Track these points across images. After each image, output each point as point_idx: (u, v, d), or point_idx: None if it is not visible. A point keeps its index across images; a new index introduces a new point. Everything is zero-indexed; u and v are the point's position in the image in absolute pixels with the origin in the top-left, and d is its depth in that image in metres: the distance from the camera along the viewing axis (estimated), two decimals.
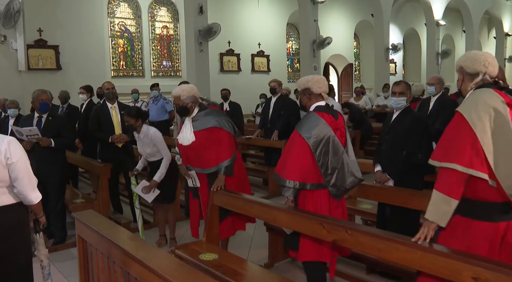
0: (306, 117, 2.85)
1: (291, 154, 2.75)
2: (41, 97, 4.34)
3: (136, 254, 2.07)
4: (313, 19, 11.70)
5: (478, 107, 1.97)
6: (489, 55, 2.15)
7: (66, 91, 6.90)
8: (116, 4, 11.13)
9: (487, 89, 2.04)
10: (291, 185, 2.71)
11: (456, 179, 1.96)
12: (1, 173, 2.21)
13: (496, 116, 1.94)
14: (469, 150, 1.94)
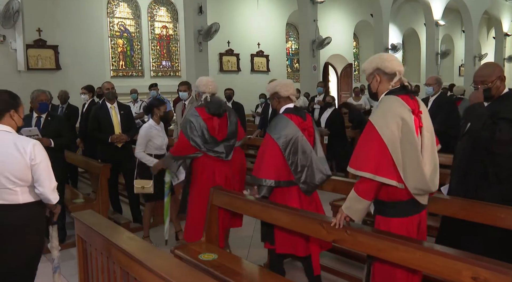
0: (275, 119, 3.03)
1: (264, 155, 2.94)
2: (40, 97, 4.34)
3: (135, 254, 2.07)
4: (312, 19, 11.71)
5: (387, 116, 2.14)
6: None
7: (65, 91, 6.90)
8: (116, 4, 11.13)
9: (395, 98, 2.20)
10: (268, 184, 2.89)
11: (369, 185, 2.17)
12: (25, 173, 2.36)
13: (403, 124, 2.13)
14: (377, 158, 2.12)
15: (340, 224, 2.30)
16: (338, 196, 4.29)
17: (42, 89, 4.53)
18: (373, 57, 2.36)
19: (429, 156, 2.22)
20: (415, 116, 2.20)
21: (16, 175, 2.35)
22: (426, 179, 2.16)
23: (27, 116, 4.63)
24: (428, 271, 1.98)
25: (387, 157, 2.12)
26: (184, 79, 9.21)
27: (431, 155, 2.24)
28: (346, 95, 15.55)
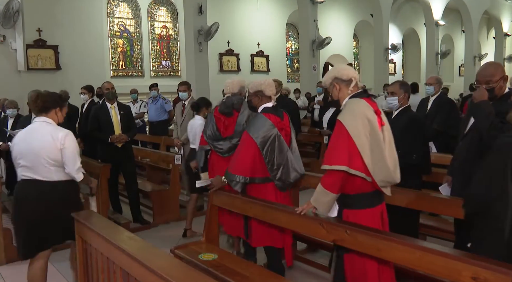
0: (254, 118, 3.19)
1: (241, 152, 3.10)
2: None
3: (135, 254, 2.07)
4: (312, 19, 11.71)
5: (355, 116, 2.37)
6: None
7: (65, 91, 6.88)
8: (116, 4, 11.13)
9: (360, 100, 2.45)
10: (241, 180, 3.06)
11: (335, 177, 2.36)
12: (56, 154, 2.92)
13: (369, 123, 2.36)
14: (348, 153, 2.33)
15: (303, 212, 2.53)
16: None
17: (38, 90, 4.53)
18: (330, 70, 2.61)
19: (390, 151, 2.45)
20: (377, 115, 2.44)
21: (50, 156, 2.91)
22: (391, 172, 2.40)
23: (26, 116, 4.64)
24: (428, 271, 1.98)
25: (356, 153, 2.33)
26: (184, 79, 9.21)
27: (391, 151, 2.47)
28: None
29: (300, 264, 3.71)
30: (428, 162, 3.50)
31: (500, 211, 1.80)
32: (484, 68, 2.83)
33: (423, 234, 3.62)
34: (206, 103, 4.69)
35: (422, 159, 3.40)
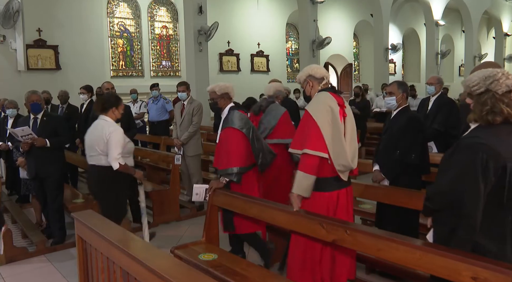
0: (230, 115, 3.45)
1: (230, 146, 3.33)
2: (31, 98, 4.35)
3: (135, 254, 2.07)
4: (312, 19, 11.71)
5: (320, 106, 2.68)
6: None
7: (65, 91, 6.90)
8: (116, 4, 11.13)
9: (325, 93, 2.76)
10: (238, 170, 3.29)
11: (311, 160, 2.62)
12: (103, 144, 3.58)
13: (332, 113, 2.66)
14: (315, 138, 2.62)
15: (298, 206, 2.67)
16: None
17: (34, 90, 4.54)
18: (305, 68, 2.92)
19: (350, 141, 2.75)
20: (340, 108, 2.74)
21: (99, 147, 3.60)
22: (348, 157, 2.68)
23: (25, 117, 4.63)
24: (428, 271, 1.98)
25: (320, 137, 2.63)
26: (184, 79, 9.22)
27: (352, 141, 2.77)
28: (345, 95, 15.55)
29: None
30: (427, 162, 3.50)
31: (471, 208, 1.85)
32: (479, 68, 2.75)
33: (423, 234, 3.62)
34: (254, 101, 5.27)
35: (421, 159, 3.40)
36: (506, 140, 1.88)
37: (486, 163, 1.82)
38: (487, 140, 1.87)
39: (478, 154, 1.84)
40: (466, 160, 1.88)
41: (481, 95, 1.92)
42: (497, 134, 1.89)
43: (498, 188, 1.85)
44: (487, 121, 1.92)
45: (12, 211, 5.38)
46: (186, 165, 5.61)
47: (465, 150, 1.91)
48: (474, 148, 1.88)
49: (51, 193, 4.39)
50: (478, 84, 1.92)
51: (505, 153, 1.85)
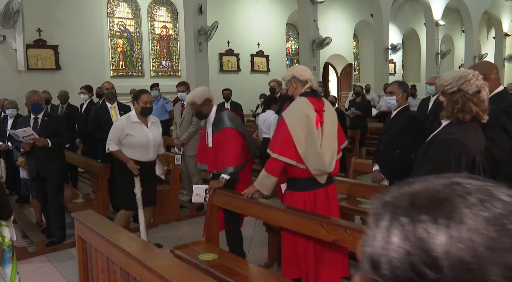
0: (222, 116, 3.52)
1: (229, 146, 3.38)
2: (32, 98, 4.34)
3: (135, 254, 2.07)
4: (312, 19, 11.70)
5: (295, 114, 2.81)
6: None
7: (65, 91, 6.90)
8: (116, 4, 11.13)
9: (303, 98, 2.85)
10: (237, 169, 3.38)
11: (275, 164, 2.82)
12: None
13: (307, 120, 2.77)
14: (284, 143, 2.77)
15: (249, 195, 2.96)
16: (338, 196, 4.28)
17: (35, 90, 4.53)
18: (291, 68, 3.03)
19: (328, 144, 2.84)
20: (317, 113, 2.83)
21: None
22: (324, 162, 2.80)
23: (25, 117, 4.63)
24: None
25: (291, 144, 2.75)
26: (184, 79, 9.22)
27: (330, 144, 2.87)
28: (346, 95, 15.54)
29: None
30: None
31: None
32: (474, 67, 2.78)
33: None
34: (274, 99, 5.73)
35: None
36: (474, 135, 2.04)
37: (458, 158, 1.95)
38: (459, 136, 2.01)
39: (451, 149, 1.97)
40: (439, 155, 2.01)
41: (453, 94, 2.04)
42: (467, 130, 2.04)
43: None
44: (457, 119, 2.05)
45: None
46: (186, 165, 5.61)
47: (439, 146, 2.04)
48: (447, 143, 2.01)
49: (52, 193, 4.39)
50: (451, 84, 2.04)
51: (474, 147, 2.00)
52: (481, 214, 0.47)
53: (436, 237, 0.46)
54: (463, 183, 0.51)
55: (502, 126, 2.60)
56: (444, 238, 0.46)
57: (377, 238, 0.49)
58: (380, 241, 0.49)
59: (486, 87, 2.04)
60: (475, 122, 2.07)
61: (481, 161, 2.03)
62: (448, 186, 0.51)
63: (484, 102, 2.05)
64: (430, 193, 0.50)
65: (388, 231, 0.49)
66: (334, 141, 2.89)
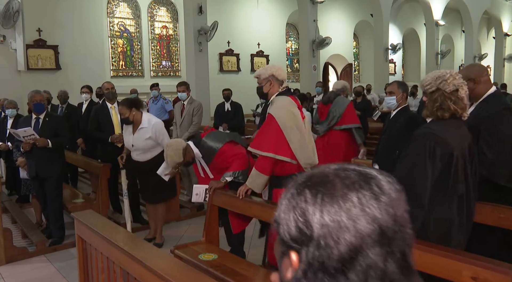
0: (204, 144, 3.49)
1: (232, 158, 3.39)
2: (35, 98, 4.34)
3: (135, 254, 2.07)
4: (312, 19, 11.70)
5: (284, 111, 2.91)
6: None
7: (65, 91, 6.90)
8: (116, 4, 11.13)
9: (287, 97, 2.98)
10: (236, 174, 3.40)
11: (267, 162, 2.89)
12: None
13: (294, 117, 2.91)
14: (277, 141, 2.84)
15: (242, 195, 2.99)
16: None
17: (37, 90, 4.52)
18: (269, 66, 3.12)
19: (309, 139, 3.05)
20: (300, 110, 3.00)
21: None
22: (312, 156, 2.98)
23: (26, 117, 4.63)
24: (428, 271, 1.98)
25: (283, 141, 2.86)
26: (184, 79, 9.22)
27: (310, 139, 3.08)
28: None
29: None
30: None
31: (420, 192, 2.07)
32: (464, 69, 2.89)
33: None
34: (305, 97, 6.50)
35: None
36: (454, 132, 2.13)
37: (433, 149, 2.06)
38: (436, 130, 2.13)
39: (426, 141, 2.09)
40: (417, 147, 2.15)
41: (433, 93, 2.16)
42: (446, 127, 2.14)
43: (445, 175, 2.09)
44: (437, 116, 2.16)
45: (12, 211, 5.37)
46: None
47: (417, 139, 2.19)
48: (423, 136, 2.15)
49: (51, 193, 4.39)
50: (430, 84, 2.15)
51: (452, 142, 2.09)
52: (354, 194, 0.59)
53: (311, 208, 0.60)
54: (349, 168, 0.64)
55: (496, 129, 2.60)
56: (318, 210, 0.59)
57: (279, 206, 0.64)
58: (279, 208, 0.64)
59: (464, 86, 2.13)
60: (456, 119, 2.16)
61: (460, 156, 2.09)
62: (337, 170, 0.64)
63: (463, 100, 2.14)
64: (321, 174, 0.63)
65: (283, 200, 0.64)
66: (311, 137, 3.13)
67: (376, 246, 0.57)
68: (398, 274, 0.58)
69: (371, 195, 0.60)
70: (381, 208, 0.59)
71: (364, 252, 0.57)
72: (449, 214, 2.12)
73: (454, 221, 2.12)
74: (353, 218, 0.57)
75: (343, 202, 0.59)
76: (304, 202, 0.60)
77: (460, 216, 2.14)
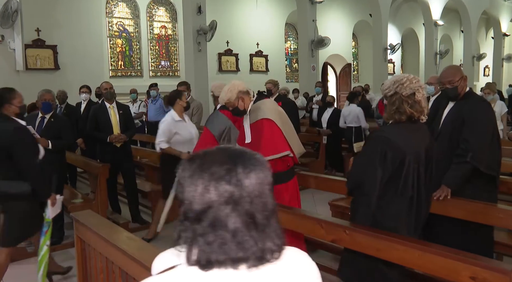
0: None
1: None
2: (44, 96, 4.33)
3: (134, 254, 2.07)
4: (311, 19, 11.70)
5: (273, 112, 3.12)
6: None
7: (64, 91, 6.87)
8: (114, 4, 11.12)
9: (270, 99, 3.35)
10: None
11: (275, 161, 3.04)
12: None
13: (281, 115, 3.17)
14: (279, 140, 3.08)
15: None
16: (337, 196, 4.29)
17: (48, 89, 4.51)
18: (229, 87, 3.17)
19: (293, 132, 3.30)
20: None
21: None
22: (300, 144, 3.30)
23: (32, 115, 4.61)
24: (427, 270, 1.98)
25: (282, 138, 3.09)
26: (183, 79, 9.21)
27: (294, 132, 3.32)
28: (345, 95, 15.53)
29: None
30: None
31: (369, 189, 2.21)
32: (445, 70, 3.11)
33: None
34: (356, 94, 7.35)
35: None
36: (408, 135, 2.23)
37: (384, 153, 2.18)
38: (389, 134, 2.24)
39: (378, 144, 2.22)
40: (369, 149, 2.29)
41: (391, 97, 2.25)
42: (401, 130, 2.24)
43: (396, 178, 2.20)
44: (395, 119, 2.25)
45: None
46: None
47: (370, 141, 2.37)
48: (376, 139, 2.28)
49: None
50: (389, 88, 2.24)
51: (404, 147, 2.19)
52: (216, 168, 0.83)
53: (187, 180, 0.84)
54: (223, 148, 0.89)
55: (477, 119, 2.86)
56: (188, 182, 0.83)
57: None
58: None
59: (421, 89, 2.22)
60: (413, 123, 2.24)
61: (413, 160, 2.19)
62: (213, 151, 0.89)
63: (420, 103, 2.22)
64: (203, 154, 0.88)
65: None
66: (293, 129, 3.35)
67: (222, 206, 0.81)
68: (242, 228, 0.81)
69: (227, 170, 0.82)
70: (232, 180, 0.81)
71: (212, 209, 0.81)
72: (398, 212, 2.23)
73: (402, 219, 2.24)
74: (207, 187, 0.81)
75: (203, 174, 0.83)
76: (185, 176, 0.86)
77: (409, 216, 2.25)
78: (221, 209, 0.80)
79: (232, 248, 0.80)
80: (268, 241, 0.83)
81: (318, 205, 5.28)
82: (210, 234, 0.80)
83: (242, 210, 0.81)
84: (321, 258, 3.75)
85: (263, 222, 0.83)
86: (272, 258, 0.84)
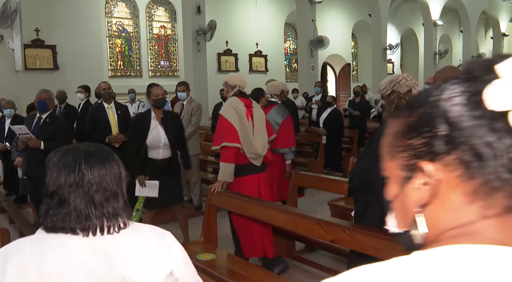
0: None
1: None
2: (40, 95, 4.28)
3: None
4: (310, 19, 11.71)
5: (229, 109, 3.38)
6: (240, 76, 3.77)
7: (63, 91, 6.87)
8: (114, 4, 11.12)
9: (235, 98, 3.47)
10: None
11: (229, 151, 3.31)
12: None
13: (239, 113, 3.37)
14: (230, 133, 3.30)
15: (217, 190, 3.27)
16: (336, 196, 4.29)
17: (46, 89, 4.46)
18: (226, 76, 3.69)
19: (259, 134, 3.46)
20: (248, 108, 3.45)
21: None
22: (255, 147, 3.39)
23: (30, 115, 4.58)
24: None
25: (234, 132, 3.29)
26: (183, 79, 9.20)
27: (261, 134, 3.49)
28: (344, 95, 15.55)
29: (299, 264, 3.71)
30: None
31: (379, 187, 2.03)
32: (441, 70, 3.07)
33: None
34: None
35: None
36: None
37: None
38: None
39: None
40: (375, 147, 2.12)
41: (389, 96, 2.30)
42: None
43: None
44: None
45: (10, 211, 5.35)
46: None
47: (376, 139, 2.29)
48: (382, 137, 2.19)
49: (42, 194, 4.34)
50: (386, 88, 2.29)
51: None
52: (68, 158, 1.14)
53: (49, 169, 1.15)
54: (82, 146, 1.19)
55: None
56: (51, 171, 1.13)
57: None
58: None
59: (416, 86, 2.28)
60: None
61: None
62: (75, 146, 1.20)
63: None
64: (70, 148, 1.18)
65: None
66: (264, 132, 3.53)
67: (66, 188, 1.09)
68: (82, 205, 1.08)
69: (75, 163, 1.10)
70: (76, 171, 1.10)
71: (60, 190, 1.09)
72: None
73: None
74: (59, 174, 1.10)
75: (59, 164, 1.12)
76: (49, 164, 1.15)
77: None
78: (66, 190, 1.09)
79: (72, 219, 1.08)
80: (107, 216, 1.10)
81: (317, 205, 5.28)
82: (58, 208, 1.09)
83: (83, 193, 1.09)
84: (321, 258, 3.75)
85: (102, 203, 1.10)
86: (112, 230, 1.11)
